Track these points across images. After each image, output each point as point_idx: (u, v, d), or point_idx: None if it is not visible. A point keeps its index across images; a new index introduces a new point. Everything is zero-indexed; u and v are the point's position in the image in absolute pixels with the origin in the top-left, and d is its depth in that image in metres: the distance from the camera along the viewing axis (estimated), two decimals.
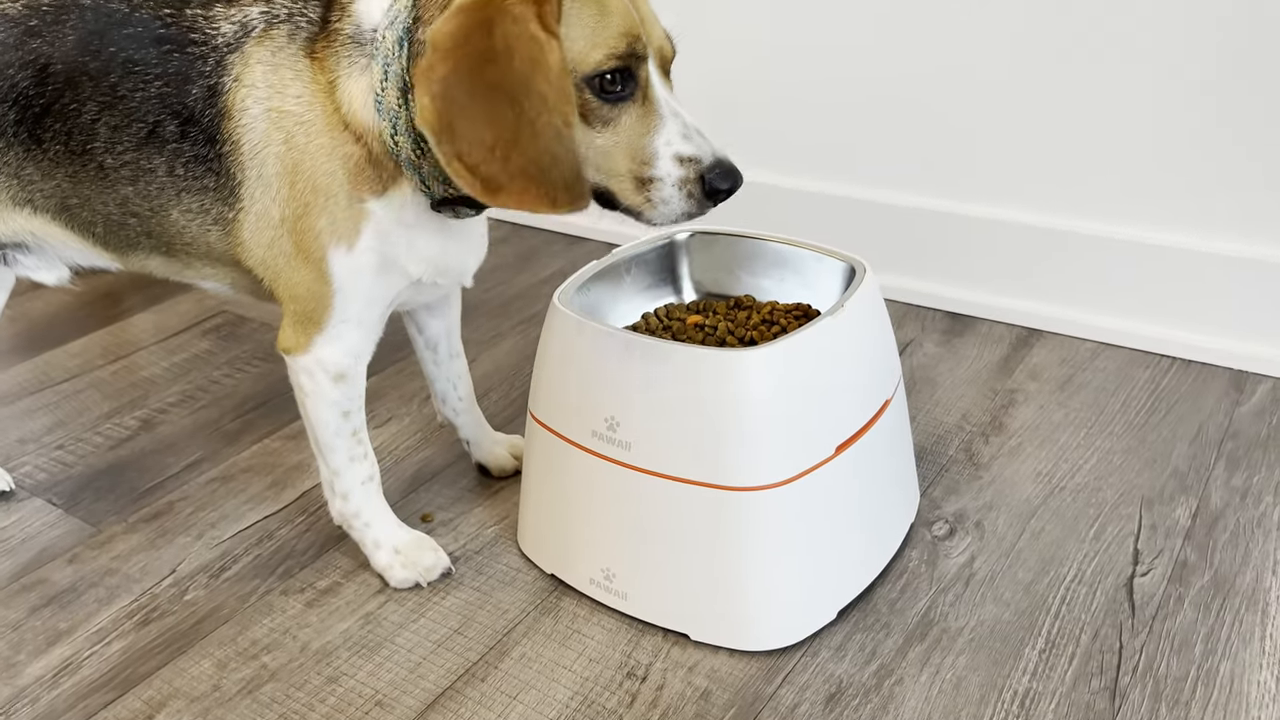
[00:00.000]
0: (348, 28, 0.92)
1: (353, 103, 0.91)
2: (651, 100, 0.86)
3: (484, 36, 0.80)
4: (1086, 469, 1.22)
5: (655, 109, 0.86)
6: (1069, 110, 1.42)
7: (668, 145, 0.86)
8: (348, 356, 1.00)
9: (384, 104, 0.88)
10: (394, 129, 0.89)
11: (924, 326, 1.56)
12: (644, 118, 0.86)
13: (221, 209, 0.96)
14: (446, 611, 1.06)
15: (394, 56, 0.87)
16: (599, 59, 0.83)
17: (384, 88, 0.88)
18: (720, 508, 0.95)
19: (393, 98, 0.88)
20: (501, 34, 0.79)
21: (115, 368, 1.58)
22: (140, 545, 1.19)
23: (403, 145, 0.89)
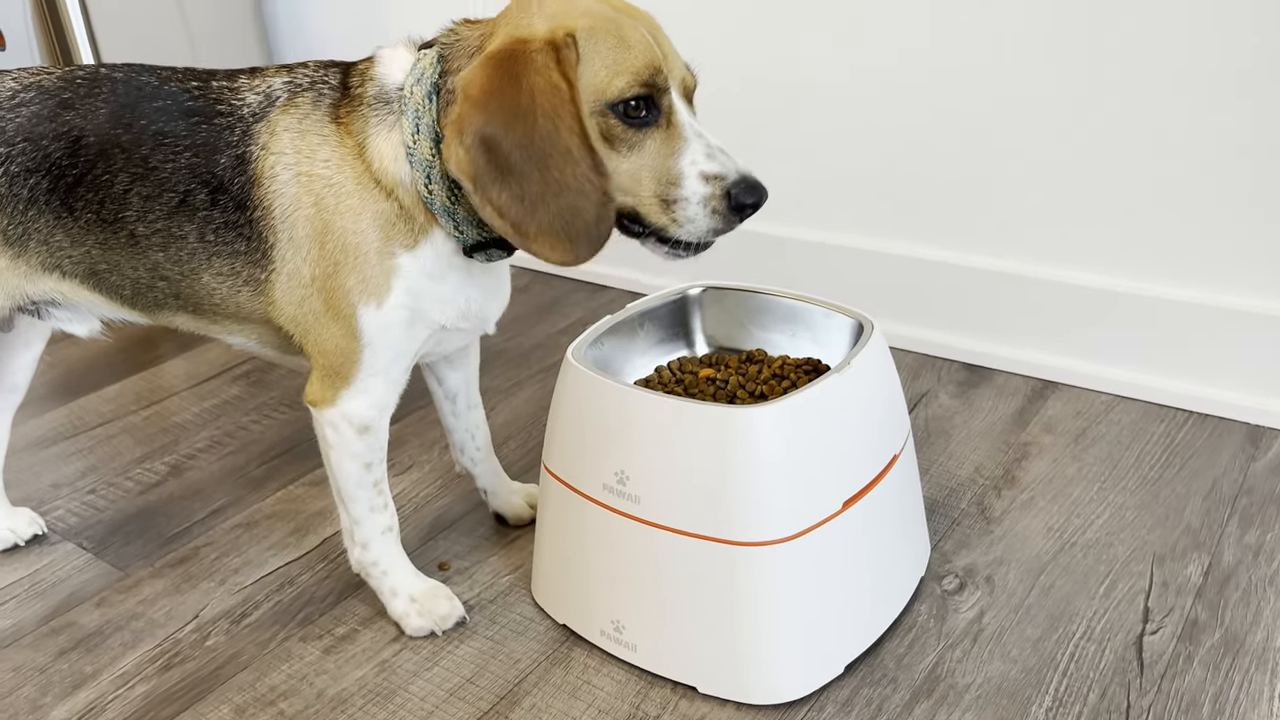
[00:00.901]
0: (371, 91, 0.96)
1: (383, 159, 0.94)
2: (676, 124, 0.90)
3: (512, 90, 0.84)
4: (1099, 524, 1.22)
5: (679, 132, 0.89)
6: (1087, 164, 1.43)
7: (693, 165, 0.89)
8: (373, 409, 1.03)
9: (416, 155, 0.92)
10: (428, 179, 0.93)
11: (940, 378, 1.57)
12: (669, 141, 0.89)
13: (253, 271, 0.99)
14: (460, 660, 1.08)
15: (424, 109, 0.92)
16: (621, 86, 0.87)
17: (416, 140, 0.92)
18: (727, 562, 0.97)
19: (426, 149, 0.92)
20: (527, 86, 0.84)
21: (148, 413, 1.63)
22: (165, 590, 1.22)
23: (437, 193, 0.93)
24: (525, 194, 0.84)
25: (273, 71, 1.01)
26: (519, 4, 0.92)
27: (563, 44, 0.85)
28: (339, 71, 0.99)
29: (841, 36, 1.57)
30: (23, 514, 1.32)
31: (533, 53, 0.84)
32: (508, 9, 0.93)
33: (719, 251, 1.80)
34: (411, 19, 2.08)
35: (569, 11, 0.89)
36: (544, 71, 0.84)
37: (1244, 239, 1.35)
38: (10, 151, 0.97)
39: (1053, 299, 1.51)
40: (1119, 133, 1.39)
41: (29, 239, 1.00)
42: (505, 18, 0.92)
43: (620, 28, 0.88)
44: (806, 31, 1.59)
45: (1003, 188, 1.51)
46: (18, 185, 0.98)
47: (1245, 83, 1.29)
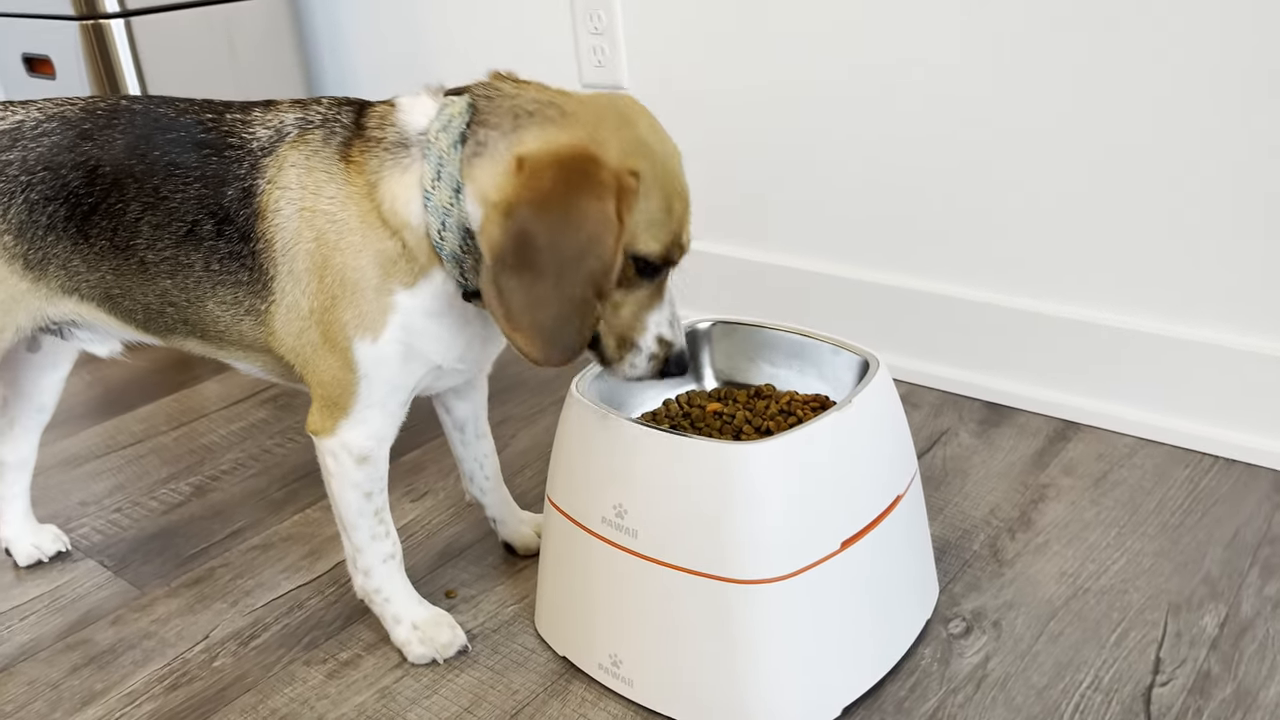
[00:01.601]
0: (390, 135, 0.97)
1: (394, 200, 0.96)
2: (663, 287, 0.98)
3: (571, 203, 0.86)
4: (1114, 570, 1.20)
5: (663, 294, 0.98)
6: (1113, 201, 1.42)
7: (657, 325, 0.98)
8: (370, 440, 1.05)
9: (433, 201, 0.94)
10: (443, 224, 0.94)
11: (961, 416, 1.55)
12: (653, 296, 0.98)
13: (254, 301, 1.01)
14: (459, 690, 1.09)
15: (448, 157, 0.93)
16: (653, 248, 0.93)
17: (435, 186, 0.93)
18: (722, 599, 0.96)
19: (445, 196, 0.93)
20: (584, 206, 0.86)
21: (177, 434, 1.67)
22: (179, 610, 1.24)
23: (449, 240, 0.95)
24: (533, 292, 0.88)
25: (286, 106, 1.04)
26: (597, 104, 0.93)
27: (628, 185, 0.88)
28: (353, 110, 1.01)
29: (862, 71, 1.57)
30: (48, 531, 1.36)
31: (602, 179, 0.87)
32: (581, 97, 0.94)
33: (740, 281, 1.81)
34: (451, 63, 2.12)
35: (641, 147, 0.91)
36: (605, 200, 0.86)
37: (1275, 280, 1.33)
38: (31, 180, 1.01)
39: (1077, 338, 1.48)
40: (1145, 170, 1.37)
41: (49, 263, 1.04)
42: (578, 106, 0.92)
43: (671, 193, 0.93)
44: (823, 65, 1.60)
45: (1029, 224, 1.49)
46: (37, 212, 1.01)
47: (1272, 124, 1.27)
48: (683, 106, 1.79)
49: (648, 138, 0.93)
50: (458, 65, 2.12)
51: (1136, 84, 1.35)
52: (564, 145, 0.89)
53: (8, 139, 1.02)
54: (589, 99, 0.94)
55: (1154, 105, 1.34)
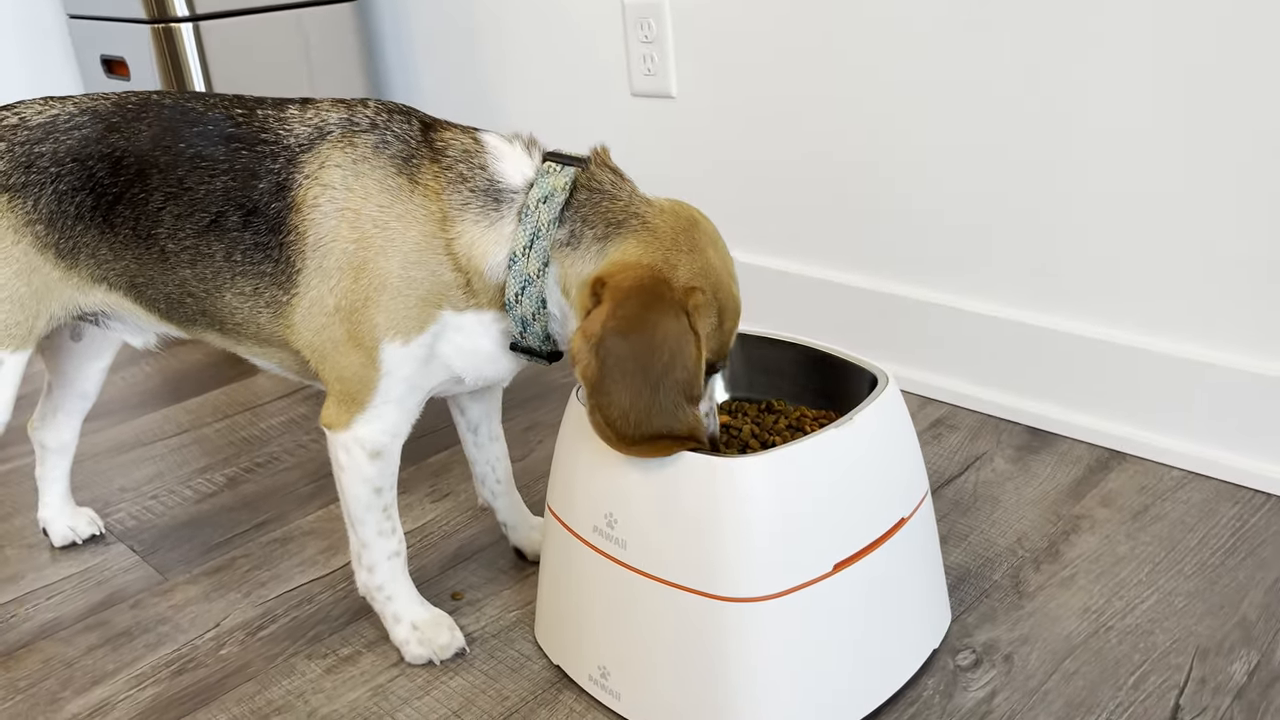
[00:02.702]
0: (479, 180, 1.00)
1: (474, 247, 0.99)
2: (708, 385, 1.03)
3: (653, 324, 0.91)
4: (1142, 609, 1.14)
5: (707, 391, 1.02)
6: (1169, 227, 1.35)
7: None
8: (385, 435, 1.06)
9: (518, 267, 0.98)
10: (521, 290, 0.98)
11: (1000, 440, 1.50)
12: None
13: (276, 293, 1.03)
14: (451, 692, 1.08)
15: (544, 233, 0.97)
16: (707, 356, 0.97)
17: (526, 255, 0.97)
18: (708, 616, 0.94)
19: (533, 267, 0.97)
20: (665, 326, 0.92)
21: (220, 426, 1.71)
22: (196, 597, 1.27)
23: (525, 305, 0.99)
24: (633, 410, 0.92)
25: (328, 105, 1.05)
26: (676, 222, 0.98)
27: (696, 302, 0.94)
28: (418, 127, 1.03)
29: (921, 84, 1.53)
30: (84, 514, 1.41)
31: (675, 301, 0.93)
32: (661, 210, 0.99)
33: (785, 294, 1.78)
34: (508, 73, 2.14)
35: (706, 269, 0.97)
36: (680, 317, 0.93)
37: None
38: (60, 171, 1.04)
39: (1127, 364, 1.42)
40: (1200, 196, 1.31)
41: (79, 252, 1.07)
42: (658, 221, 0.97)
43: (725, 309, 0.98)
44: (876, 74, 1.56)
45: (1081, 245, 1.43)
46: (66, 202, 1.05)
47: None
48: (730, 114, 1.77)
49: (713, 260, 0.98)
50: (514, 74, 2.14)
51: (1216, 114, 1.28)
52: (642, 269, 0.94)
53: (41, 131, 1.06)
54: (668, 212, 0.99)
55: (1229, 132, 1.27)
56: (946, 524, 1.31)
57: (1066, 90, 1.38)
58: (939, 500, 1.36)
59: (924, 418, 1.58)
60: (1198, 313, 1.35)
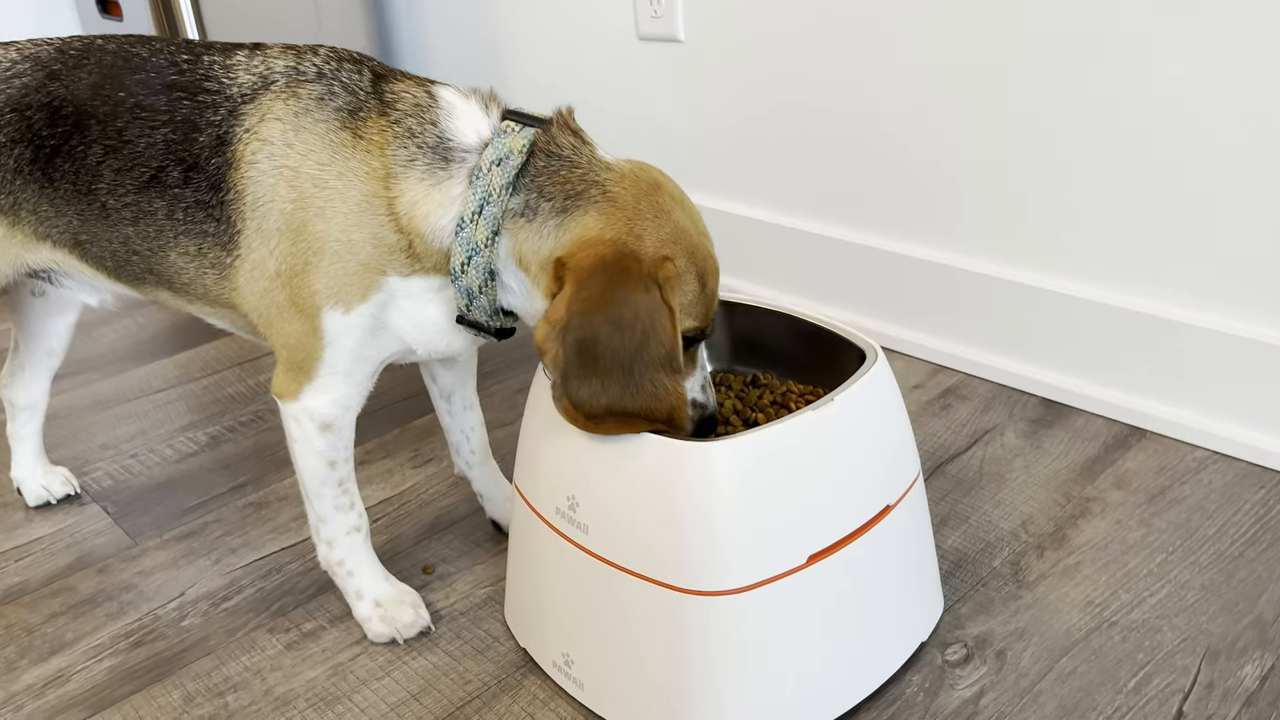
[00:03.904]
0: (429, 135, 0.93)
1: (417, 208, 0.92)
2: (696, 355, 0.97)
3: (619, 303, 0.85)
4: (1150, 603, 1.06)
5: (695, 362, 0.97)
6: (1202, 193, 1.24)
7: (691, 392, 0.96)
8: (335, 407, 1.00)
9: (466, 234, 0.91)
10: (468, 260, 0.91)
11: (1012, 412, 1.41)
12: (689, 365, 0.96)
13: (219, 254, 0.98)
14: (412, 674, 1.04)
15: (497, 199, 0.90)
16: (689, 326, 0.92)
17: (475, 221, 0.90)
18: (672, 609, 0.88)
19: (481, 234, 0.90)
20: (634, 302, 0.85)
21: (207, 382, 1.67)
22: (164, 563, 1.23)
23: (470, 276, 0.92)
24: (608, 392, 0.86)
25: (277, 52, 0.99)
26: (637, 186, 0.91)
27: (667, 273, 0.87)
28: (369, 78, 0.96)
29: (940, 37, 1.42)
30: (58, 474, 1.37)
31: (644, 271, 0.86)
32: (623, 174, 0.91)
33: (792, 253, 1.69)
34: (518, 21, 2.05)
35: (676, 234, 0.90)
36: (651, 291, 0.86)
37: None
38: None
39: (1152, 335, 1.32)
40: (1234, 160, 1.20)
41: (20, 208, 1.02)
42: (620, 190, 0.90)
43: (704, 272, 0.91)
44: (890, 21, 1.46)
45: (1105, 209, 1.33)
46: (4, 155, 0.99)
47: None
48: (739, 59, 1.67)
49: (682, 223, 0.91)
50: (520, 18, 2.04)
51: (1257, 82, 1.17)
52: (605, 245, 0.87)
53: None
54: (629, 177, 0.91)
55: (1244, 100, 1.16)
56: (947, 504, 1.23)
57: (1088, 43, 1.27)
58: (942, 477, 1.28)
59: (934, 386, 1.50)
60: (1228, 282, 1.25)
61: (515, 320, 0.99)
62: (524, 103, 2.12)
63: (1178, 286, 1.30)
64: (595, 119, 1.97)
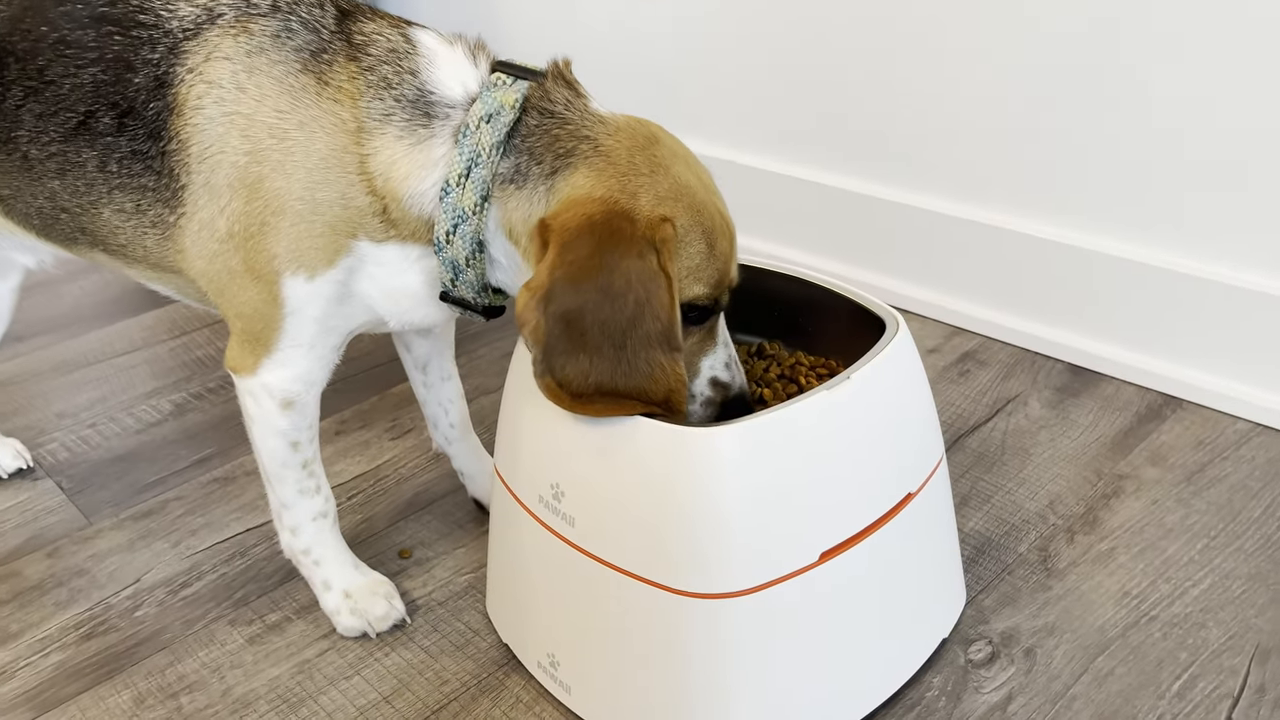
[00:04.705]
0: (407, 86, 0.82)
1: (395, 169, 0.81)
2: (715, 330, 0.85)
3: (608, 269, 0.75)
4: (1193, 595, 0.97)
5: (714, 337, 0.85)
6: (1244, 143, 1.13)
7: (711, 369, 0.85)
8: (297, 383, 0.90)
9: (452, 199, 0.80)
10: (454, 229, 0.81)
11: (1036, 380, 1.31)
12: (703, 340, 0.85)
13: (161, 210, 0.87)
14: (384, 672, 0.95)
15: (486, 160, 0.79)
16: (697, 293, 0.81)
17: (461, 185, 0.80)
18: (668, 612, 0.79)
19: (469, 200, 0.80)
20: (625, 269, 0.75)
21: (173, 345, 1.56)
22: (119, 546, 1.14)
23: (456, 247, 0.81)
24: (597, 370, 0.76)
25: None
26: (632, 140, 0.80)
27: (665, 235, 0.77)
28: (332, 15, 0.84)
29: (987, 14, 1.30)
30: (9, 446, 1.28)
31: (637, 234, 0.76)
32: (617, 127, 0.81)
33: (803, 207, 1.58)
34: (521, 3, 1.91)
35: (677, 190, 0.79)
36: (645, 256, 0.76)
37: None
38: None
39: (1188, 296, 1.22)
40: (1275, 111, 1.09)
41: None
42: (613, 143, 0.79)
43: (714, 232, 0.81)
44: None
45: (1136, 163, 1.22)
46: None
47: None
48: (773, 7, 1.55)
49: (684, 178, 0.80)
50: None
51: None
52: (594, 204, 0.77)
53: None
54: (624, 130, 0.81)
55: None
56: (968, 481, 1.14)
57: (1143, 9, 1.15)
58: (960, 452, 1.19)
59: (951, 350, 1.39)
60: (1272, 240, 1.14)
61: (505, 299, 0.88)
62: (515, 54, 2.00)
63: (1217, 242, 1.19)
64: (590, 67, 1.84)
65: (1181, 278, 1.21)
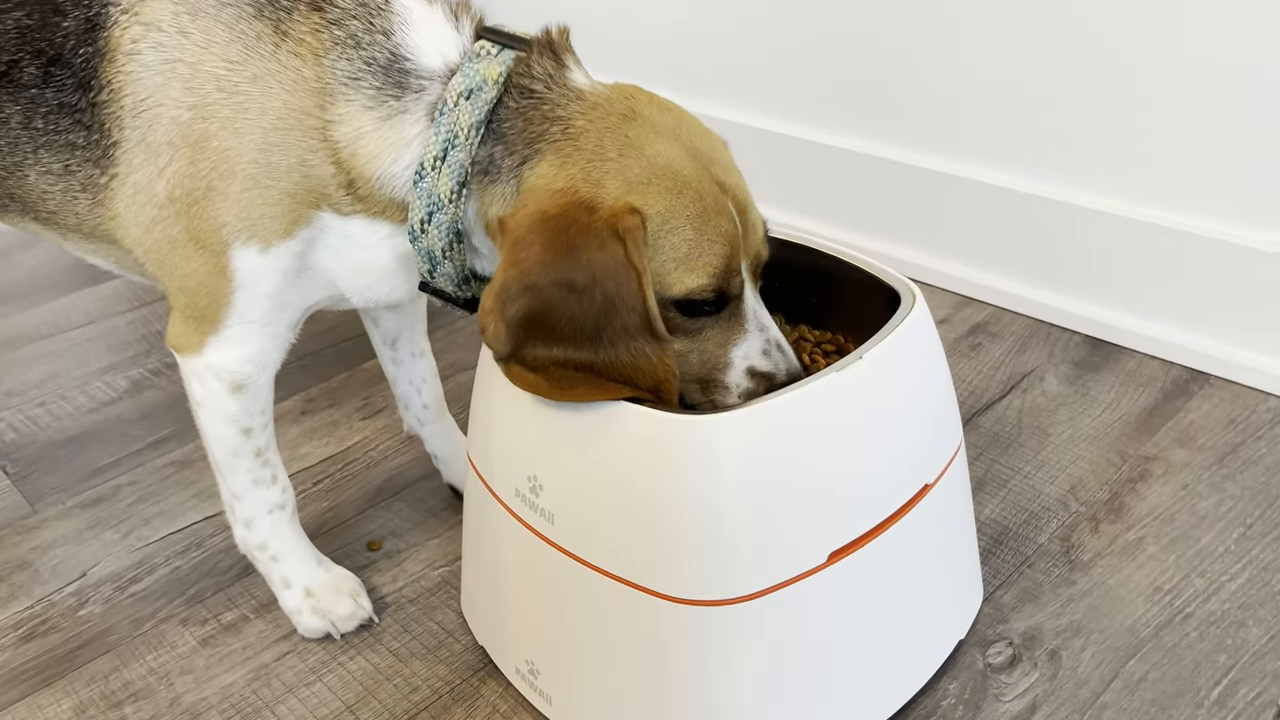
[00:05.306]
0: (379, 49, 0.72)
1: (362, 145, 0.72)
2: (740, 314, 0.75)
3: (569, 264, 0.67)
4: (1230, 590, 0.89)
5: (741, 322, 0.75)
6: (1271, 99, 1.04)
7: (744, 359, 0.74)
8: (248, 364, 0.81)
9: (427, 184, 0.71)
10: (428, 217, 0.72)
11: (1053, 353, 1.23)
12: (728, 329, 0.75)
13: (91, 172, 0.78)
14: (349, 678, 0.87)
15: (464, 142, 0.70)
16: (691, 286, 0.71)
17: (436, 168, 0.71)
18: (658, 620, 0.70)
19: (445, 187, 0.71)
20: (588, 261, 0.67)
21: (132, 316, 1.47)
22: (66, 536, 1.05)
23: (432, 237, 0.73)
24: (577, 353, 0.68)
25: None
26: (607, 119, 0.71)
27: (628, 225, 0.68)
28: None
29: None
30: None
31: (595, 225, 0.68)
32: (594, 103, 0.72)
33: (802, 168, 1.48)
34: None
35: (651, 175, 0.70)
36: (607, 247, 0.68)
37: None
38: None
39: (1217, 263, 1.13)
40: None
41: None
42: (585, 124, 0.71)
43: (706, 212, 0.71)
44: None
45: (1157, 119, 1.13)
46: None
47: None
48: None
49: (663, 157, 0.71)
50: None
51: None
52: (551, 197, 0.69)
53: None
54: (599, 108, 0.72)
55: None
56: (982, 464, 1.06)
57: None
58: (973, 432, 1.10)
59: (960, 322, 1.31)
60: None
61: None
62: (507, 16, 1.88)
63: (1245, 205, 1.10)
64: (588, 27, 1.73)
65: (1208, 242, 1.13)
